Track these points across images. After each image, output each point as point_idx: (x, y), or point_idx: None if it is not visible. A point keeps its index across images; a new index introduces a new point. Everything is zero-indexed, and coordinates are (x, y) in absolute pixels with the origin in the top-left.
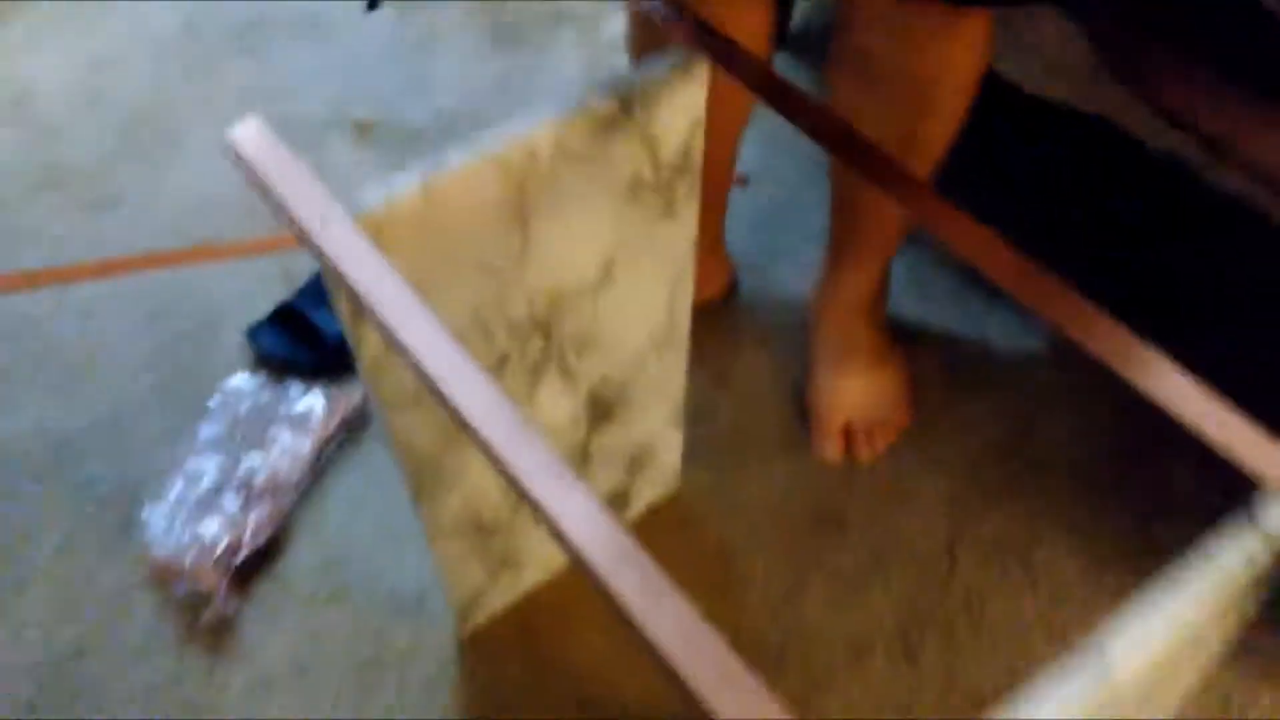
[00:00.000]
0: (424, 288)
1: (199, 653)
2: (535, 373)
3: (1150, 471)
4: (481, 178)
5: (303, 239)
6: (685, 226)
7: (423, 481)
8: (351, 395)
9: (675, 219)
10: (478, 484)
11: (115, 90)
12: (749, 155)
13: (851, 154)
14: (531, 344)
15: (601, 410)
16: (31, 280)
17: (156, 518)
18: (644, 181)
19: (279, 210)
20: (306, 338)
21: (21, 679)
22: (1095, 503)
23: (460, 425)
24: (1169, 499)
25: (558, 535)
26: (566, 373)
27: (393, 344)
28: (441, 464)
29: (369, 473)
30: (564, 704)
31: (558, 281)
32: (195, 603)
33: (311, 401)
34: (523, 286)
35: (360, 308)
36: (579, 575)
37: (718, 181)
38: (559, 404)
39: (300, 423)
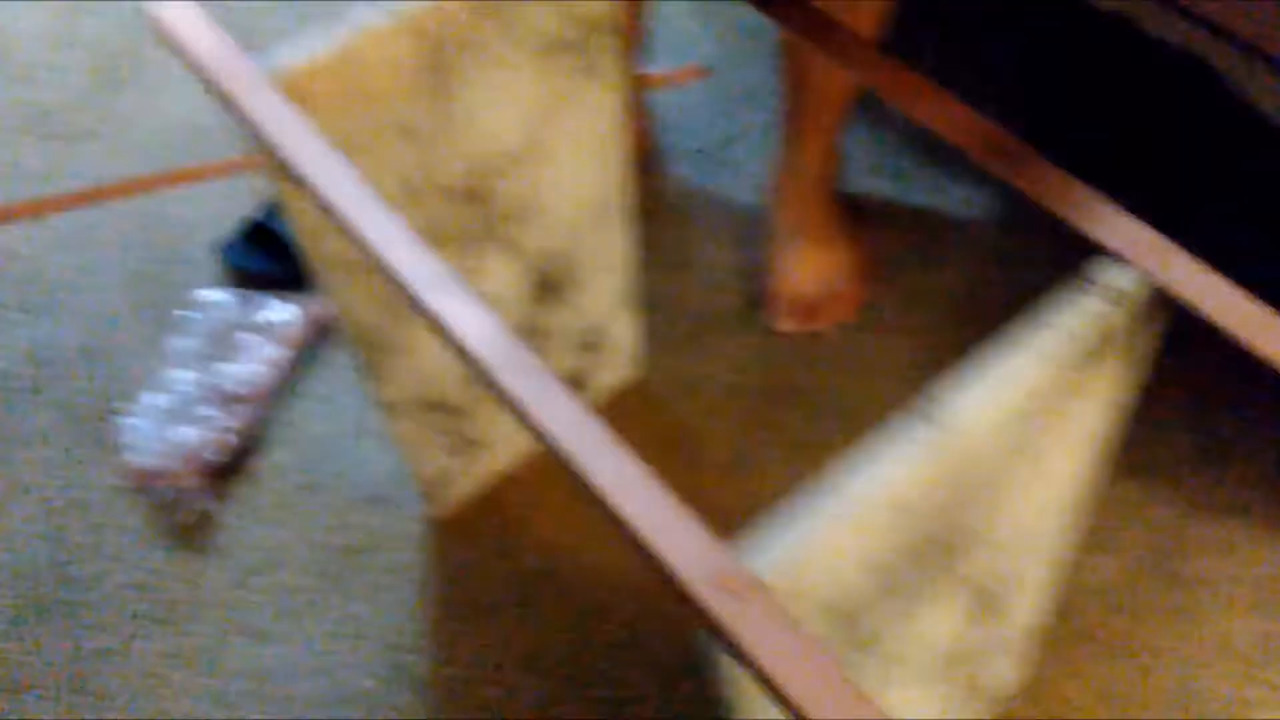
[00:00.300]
0: (349, 152)
1: (180, 551)
2: (475, 243)
3: None
4: (397, 38)
5: (226, 104)
6: (609, 87)
7: (370, 355)
8: (320, 304)
9: (597, 79)
10: (428, 361)
11: (87, 31)
12: (707, 42)
13: (801, 24)
14: (467, 213)
15: (548, 286)
16: (7, 213)
17: (135, 428)
18: (560, 39)
19: (202, 78)
20: (275, 251)
21: (8, 584)
22: None
23: (398, 291)
24: None
25: (515, 411)
26: (506, 244)
27: (322, 206)
28: (387, 337)
29: (339, 377)
30: (531, 581)
31: (486, 147)
32: (175, 504)
33: (282, 312)
34: (451, 151)
35: (288, 171)
36: (542, 460)
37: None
38: (502, 277)
39: (271, 332)
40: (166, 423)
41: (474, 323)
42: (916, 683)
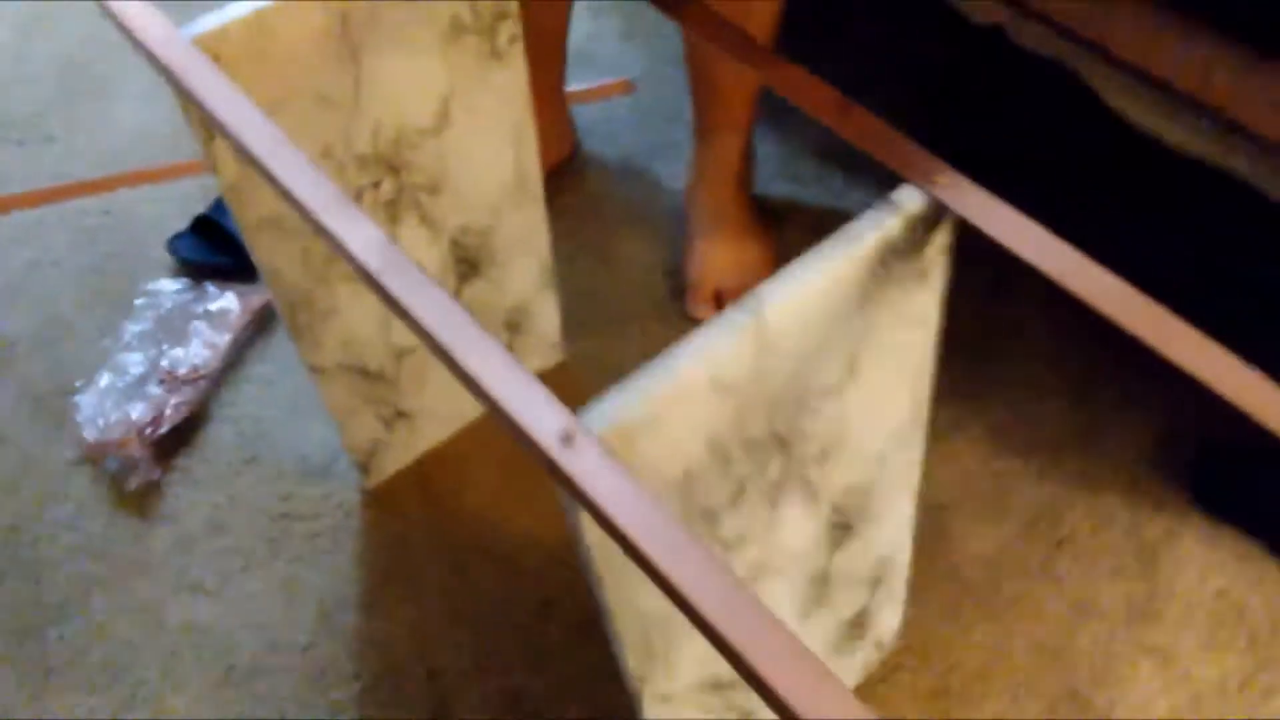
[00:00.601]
0: (269, 114)
1: (127, 518)
2: (392, 208)
3: (995, 311)
4: (305, 9)
5: (155, 63)
6: (516, 74)
7: (297, 317)
8: (262, 294)
9: (504, 65)
10: (352, 324)
11: (48, 45)
12: (634, 61)
13: (699, 22)
14: (383, 181)
15: (468, 264)
16: None
17: (88, 404)
18: (464, 24)
19: (130, 40)
20: (222, 245)
21: None
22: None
23: (297, 210)
24: (1006, 336)
25: (395, 309)
26: (424, 217)
27: (245, 158)
28: (312, 298)
29: (279, 360)
30: (460, 548)
31: (397, 118)
32: (124, 474)
33: (227, 300)
34: (365, 121)
35: (212, 125)
36: (472, 435)
37: (548, 44)
38: (420, 248)
39: (217, 318)
40: (117, 400)
41: (360, 236)
42: (794, 603)
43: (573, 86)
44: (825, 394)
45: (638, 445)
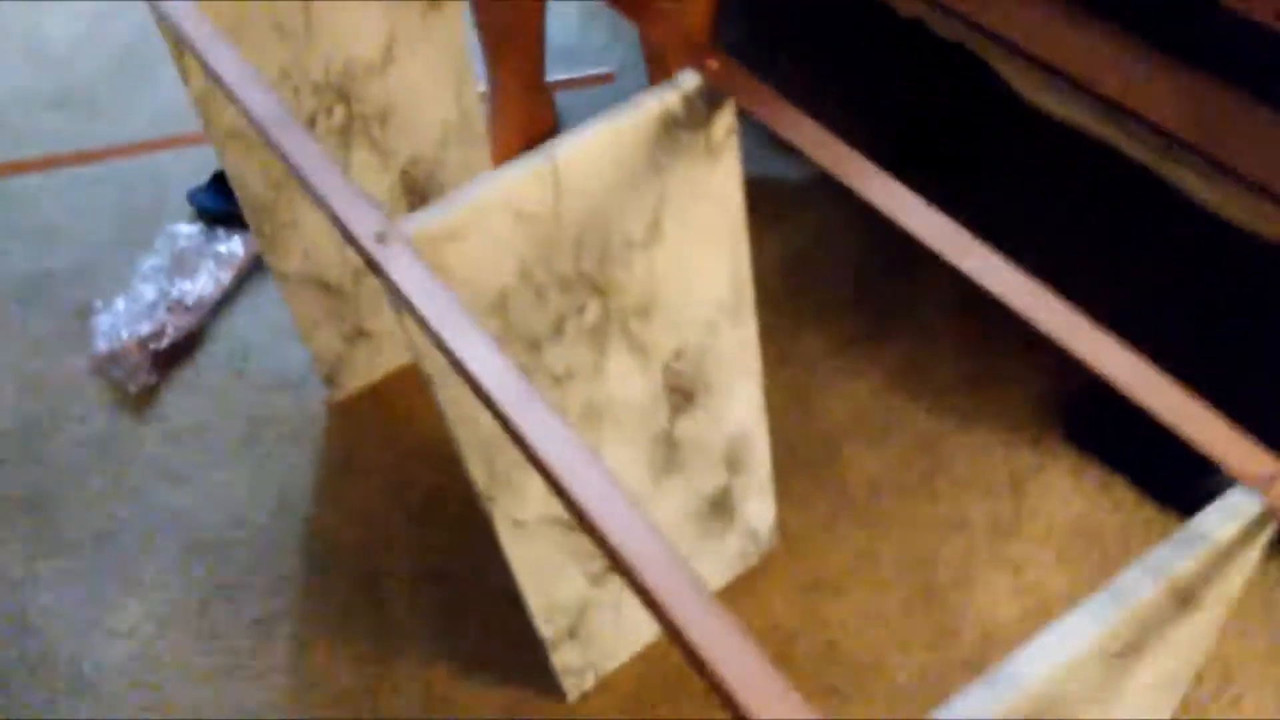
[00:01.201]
0: (235, 40)
1: (126, 417)
2: (344, 135)
3: (906, 273)
4: None
5: None
6: (452, 20)
7: (261, 224)
8: None
9: (441, 12)
10: (312, 236)
11: (111, 34)
12: (615, 57)
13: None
14: (335, 109)
15: (417, 194)
16: (21, 166)
17: (103, 323)
18: None
19: None
20: (234, 197)
21: None
22: (845, 296)
23: (255, 130)
24: (911, 294)
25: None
26: (374, 145)
27: (207, 72)
28: (275, 211)
29: (271, 297)
30: (406, 453)
31: (346, 53)
32: (126, 380)
33: (234, 244)
34: (316, 53)
35: (180, 40)
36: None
37: (520, 36)
38: (370, 175)
39: (224, 259)
40: (129, 320)
41: (258, 99)
42: (640, 459)
43: (558, 76)
44: (631, 247)
45: (445, 253)
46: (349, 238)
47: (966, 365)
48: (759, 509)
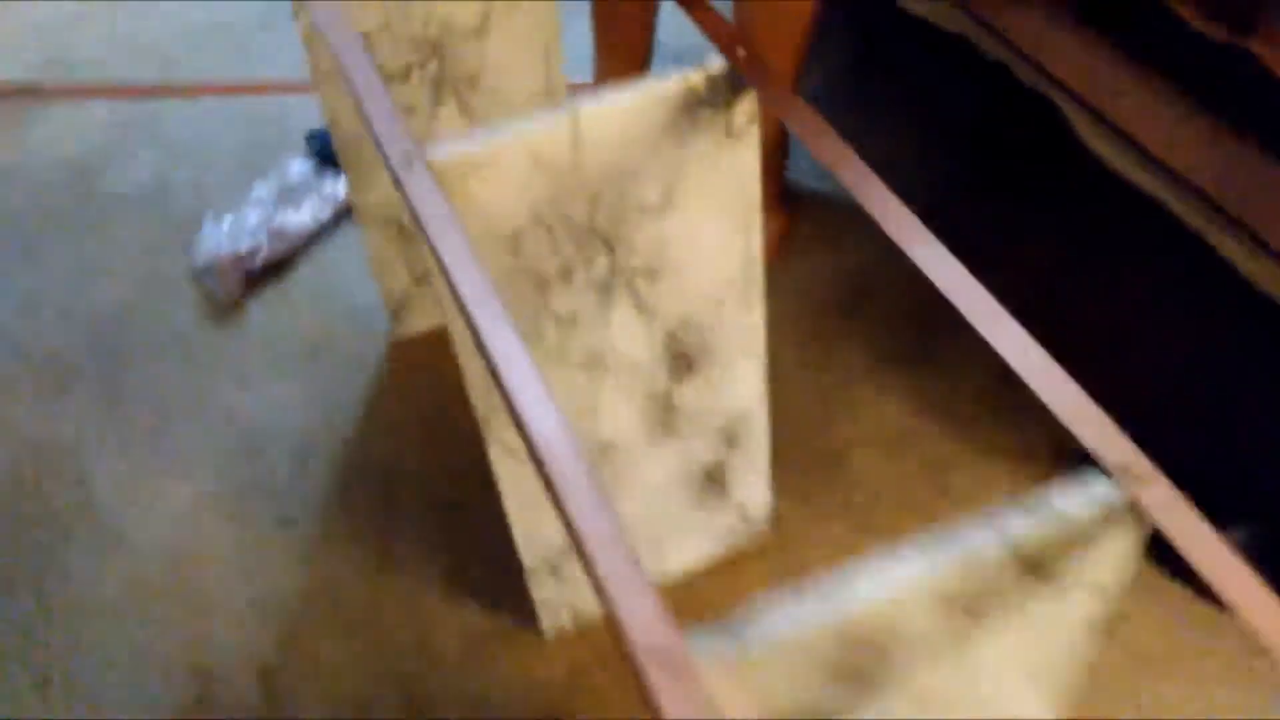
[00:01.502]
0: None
1: (211, 324)
2: (436, 88)
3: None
4: None
5: None
6: (543, 5)
7: (349, 162)
8: None
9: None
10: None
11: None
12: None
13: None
14: (430, 64)
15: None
16: (168, 91)
17: (207, 237)
18: None
19: None
20: None
21: (85, 331)
22: (895, 317)
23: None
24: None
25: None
26: (462, 105)
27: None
28: (362, 149)
29: (357, 238)
30: (453, 397)
31: (446, 16)
32: (216, 291)
33: (335, 185)
34: (419, 11)
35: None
36: None
37: (636, 26)
38: (456, 123)
39: (326, 197)
40: (230, 237)
41: (363, 74)
42: (635, 414)
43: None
44: (644, 211)
45: (465, 184)
46: (384, 157)
47: (990, 400)
48: (753, 490)
